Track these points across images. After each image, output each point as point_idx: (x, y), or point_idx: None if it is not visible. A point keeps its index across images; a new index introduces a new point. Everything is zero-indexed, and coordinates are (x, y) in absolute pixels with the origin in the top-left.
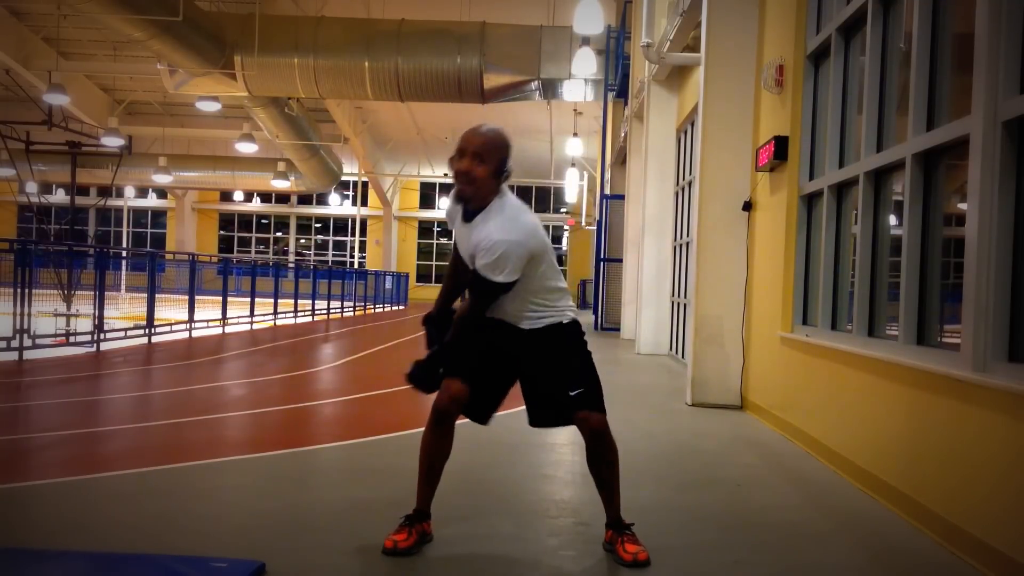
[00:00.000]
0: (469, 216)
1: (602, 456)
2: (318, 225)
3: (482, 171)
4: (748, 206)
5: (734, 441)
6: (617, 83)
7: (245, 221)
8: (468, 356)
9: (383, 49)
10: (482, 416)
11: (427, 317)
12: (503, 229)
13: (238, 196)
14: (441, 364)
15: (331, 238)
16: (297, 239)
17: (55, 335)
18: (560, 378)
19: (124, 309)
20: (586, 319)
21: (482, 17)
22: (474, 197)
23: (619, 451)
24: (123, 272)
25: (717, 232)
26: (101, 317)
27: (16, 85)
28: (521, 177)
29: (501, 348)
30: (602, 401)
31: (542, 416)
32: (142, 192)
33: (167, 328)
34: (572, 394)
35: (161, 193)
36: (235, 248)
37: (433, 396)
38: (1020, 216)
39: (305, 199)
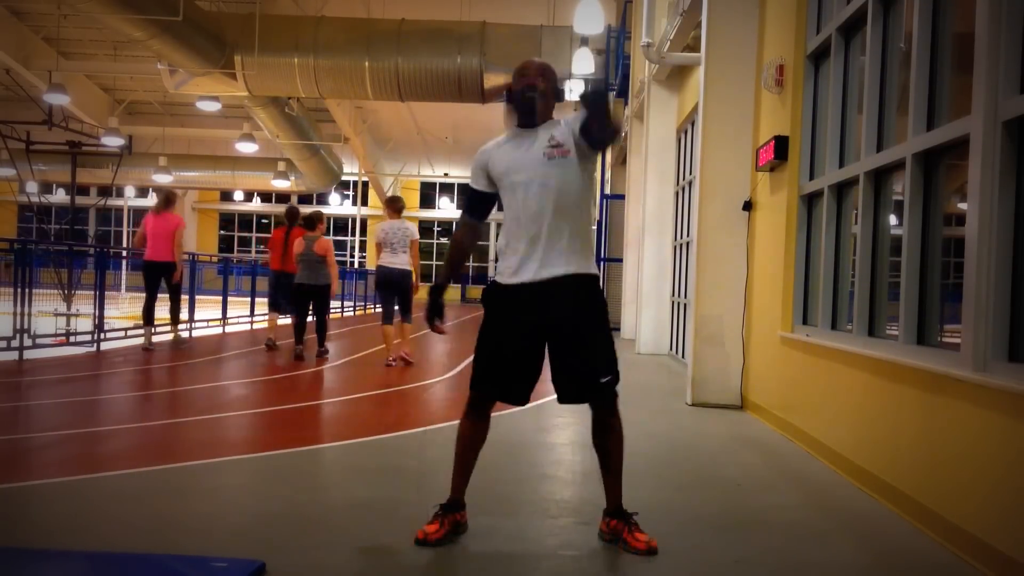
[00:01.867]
0: (525, 125)
1: (611, 430)
2: None
3: (545, 85)
4: (748, 206)
5: (734, 441)
6: (617, 83)
7: (245, 221)
8: (505, 360)
9: (383, 49)
10: (522, 399)
11: (434, 287)
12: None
13: (238, 196)
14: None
15: (331, 238)
16: None
17: (55, 335)
18: (591, 361)
19: (124, 309)
20: None
21: (482, 17)
22: (539, 108)
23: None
24: (123, 272)
25: (717, 232)
26: (101, 317)
27: (16, 85)
28: None
29: (530, 331)
30: (618, 377)
31: (571, 393)
32: (142, 192)
33: (167, 328)
34: (602, 381)
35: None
36: (235, 248)
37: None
38: (1020, 216)
39: (305, 199)
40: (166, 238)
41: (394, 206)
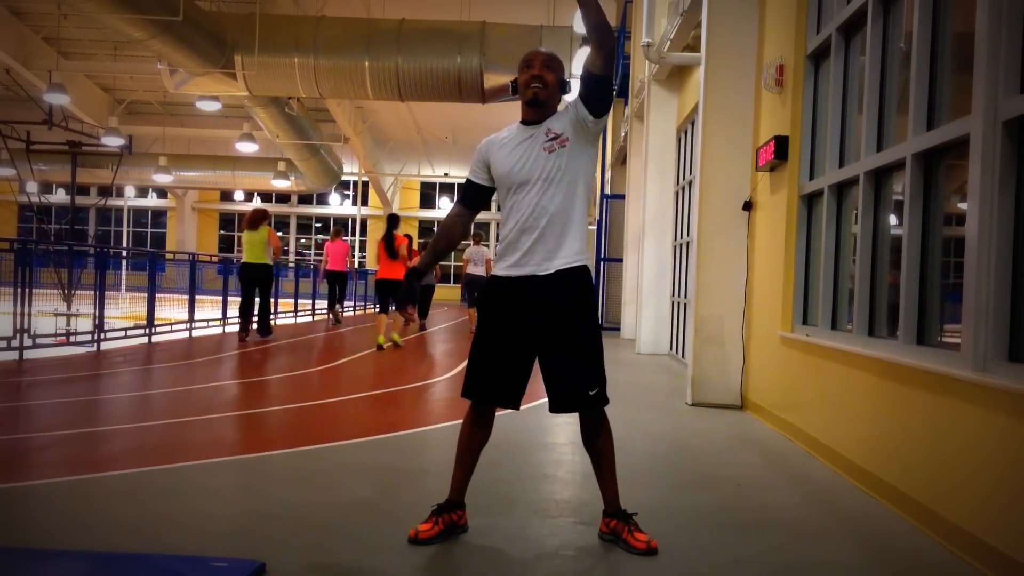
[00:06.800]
0: (532, 122)
1: (601, 430)
2: (318, 225)
3: (551, 77)
4: (748, 206)
5: (734, 441)
6: (617, 83)
7: None
8: (499, 356)
9: (383, 49)
10: (514, 402)
11: (411, 271)
12: None
13: (238, 196)
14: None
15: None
16: (297, 239)
17: (55, 335)
18: (581, 377)
19: (124, 309)
20: None
21: (482, 17)
22: (545, 101)
23: (619, 451)
24: (123, 272)
25: (717, 232)
26: (101, 317)
27: (16, 85)
28: None
29: (526, 340)
30: (605, 388)
31: (563, 405)
32: (142, 192)
33: (167, 328)
34: (591, 394)
35: (161, 193)
36: (235, 248)
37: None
38: (1020, 216)
39: (305, 199)
40: (341, 256)
41: (476, 236)
